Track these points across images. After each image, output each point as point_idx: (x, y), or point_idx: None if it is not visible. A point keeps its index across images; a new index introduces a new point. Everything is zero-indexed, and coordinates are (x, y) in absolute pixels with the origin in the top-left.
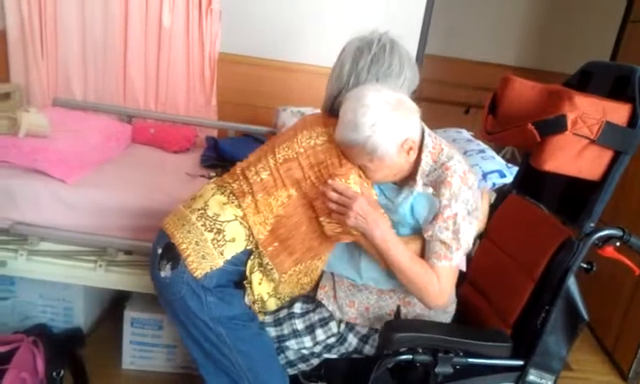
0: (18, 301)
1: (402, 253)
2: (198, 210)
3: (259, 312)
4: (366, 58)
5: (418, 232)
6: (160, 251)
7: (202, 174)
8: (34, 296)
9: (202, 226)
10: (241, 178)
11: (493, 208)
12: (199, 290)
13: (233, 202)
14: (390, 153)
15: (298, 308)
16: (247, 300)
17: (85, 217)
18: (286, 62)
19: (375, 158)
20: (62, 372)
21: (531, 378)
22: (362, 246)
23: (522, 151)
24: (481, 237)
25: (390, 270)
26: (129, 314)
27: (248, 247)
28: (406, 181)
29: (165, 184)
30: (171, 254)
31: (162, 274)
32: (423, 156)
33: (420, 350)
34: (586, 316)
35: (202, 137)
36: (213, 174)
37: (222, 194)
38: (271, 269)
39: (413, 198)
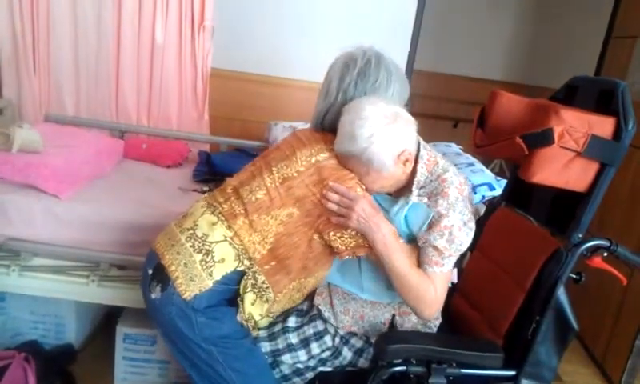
0: (8, 317)
1: (403, 259)
2: (188, 229)
3: (252, 328)
4: (352, 73)
5: (413, 242)
6: (150, 272)
7: (194, 188)
8: (25, 312)
9: (191, 246)
10: (232, 197)
11: (483, 220)
12: (189, 311)
13: (223, 223)
14: (386, 165)
15: (292, 322)
16: (239, 317)
17: (78, 232)
18: (277, 78)
19: (372, 170)
20: None
21: None
22: (369, 259)
23: (509, 164)
24: (471, 249)
25: (389, 284)
26: (121, 330)
27: (239, 268)
28: (402, 192)
29: (158, 199)
30: (161, 275)
31: (153, 295)
32: (418, 167)
33: (414, 361)
34: (576, 326)
35: (195, 152)
36: (206, 188)
37: (212, 213)
38: (267, 288)
39: (408, 208)
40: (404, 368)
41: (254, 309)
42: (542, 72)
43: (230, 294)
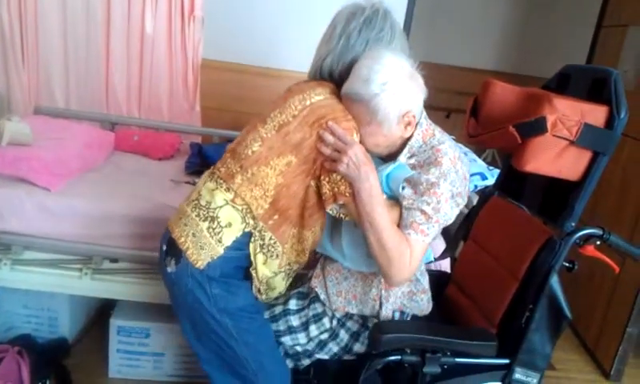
0: (1, 311)
1: (385, 215)
2: (193, 200)
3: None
4: (358, 19)
5: (394, 201)
6: (165, 248)
7: (187, 180)
8: (18, 306)
9: (197, 216)
10: (229, 159)
11: (476, 210)
12: (204, 282)
13: (221, 186)
14: (389, 119)
15: (293, 304)
16: (254, 289)
17: (70, 225)
18: (269, 69)
19: (374, 121)
20: (48, 382)
21: (517, 376)
22: (348, 215)
23: (502, 154)
24: (465, 238)
25: (369, 252)
26: (115, 323)
27: (247, 229)
28: (392, 157)
29: (150, 191)
30: (173, 249)
31: (169, 269)
32: (415, 133)
33: (408, 351)
34: (569, 314)
35: (187, 143)
36: (197, 180)
37: (211, 180)
38: (274, 243)
39: (393, 168)
40: (398, 357)
41: (266, 268)
42: (534, 61)
43: (243, 260)
